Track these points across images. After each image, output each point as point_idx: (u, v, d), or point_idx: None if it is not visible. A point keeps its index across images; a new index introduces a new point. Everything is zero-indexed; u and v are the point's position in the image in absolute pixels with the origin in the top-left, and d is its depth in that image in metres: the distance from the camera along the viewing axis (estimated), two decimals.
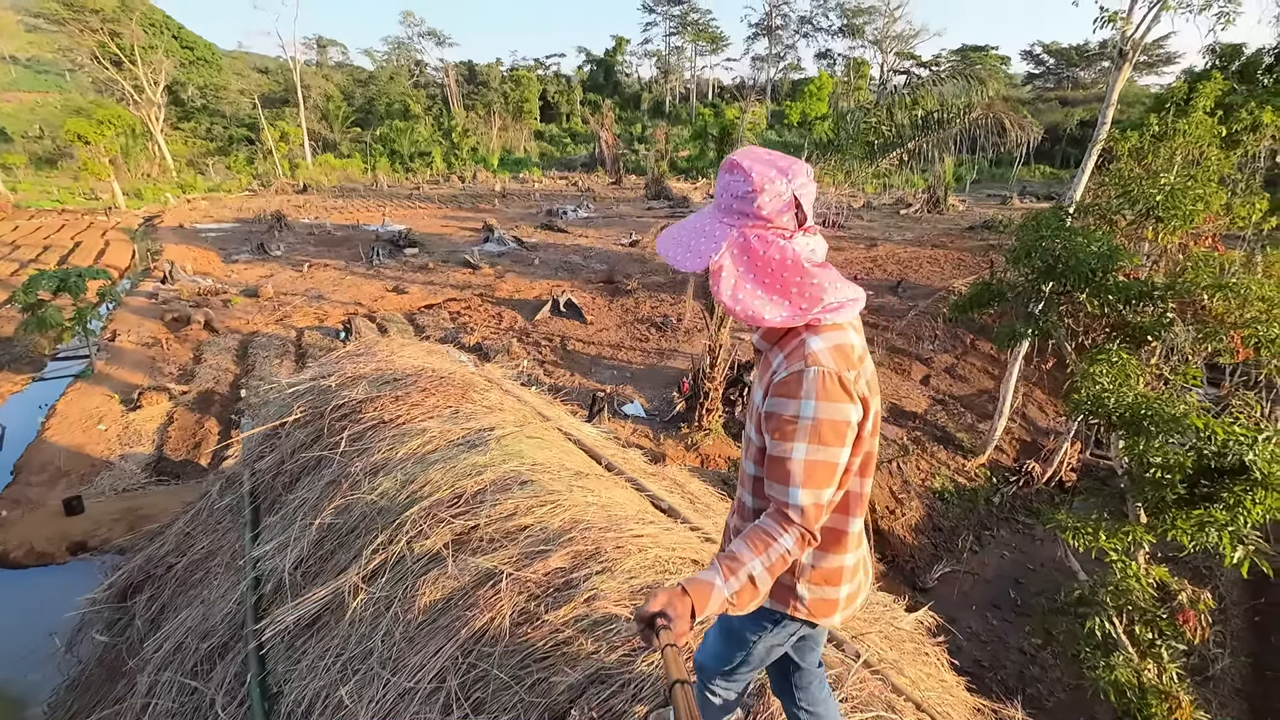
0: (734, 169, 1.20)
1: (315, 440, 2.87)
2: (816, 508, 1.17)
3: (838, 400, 1.16)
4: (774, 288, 1.20)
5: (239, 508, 2.88)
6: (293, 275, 20.14)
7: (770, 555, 1.15)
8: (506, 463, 2.31)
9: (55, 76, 76.75)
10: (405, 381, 3.08)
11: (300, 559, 2.13)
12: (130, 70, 43.18)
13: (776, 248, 1.20)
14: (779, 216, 1.20)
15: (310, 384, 3.25)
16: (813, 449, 1.15)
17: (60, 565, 7.17)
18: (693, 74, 79.28)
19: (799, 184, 1.19)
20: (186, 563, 2.85)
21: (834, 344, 1.19)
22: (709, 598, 1.12)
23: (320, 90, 57.34)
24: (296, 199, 38.26)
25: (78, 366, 12.39)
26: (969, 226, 30.15)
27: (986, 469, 11.48)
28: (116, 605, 2.91)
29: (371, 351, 3.62)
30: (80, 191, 36.89)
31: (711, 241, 1.22)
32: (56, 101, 56.16)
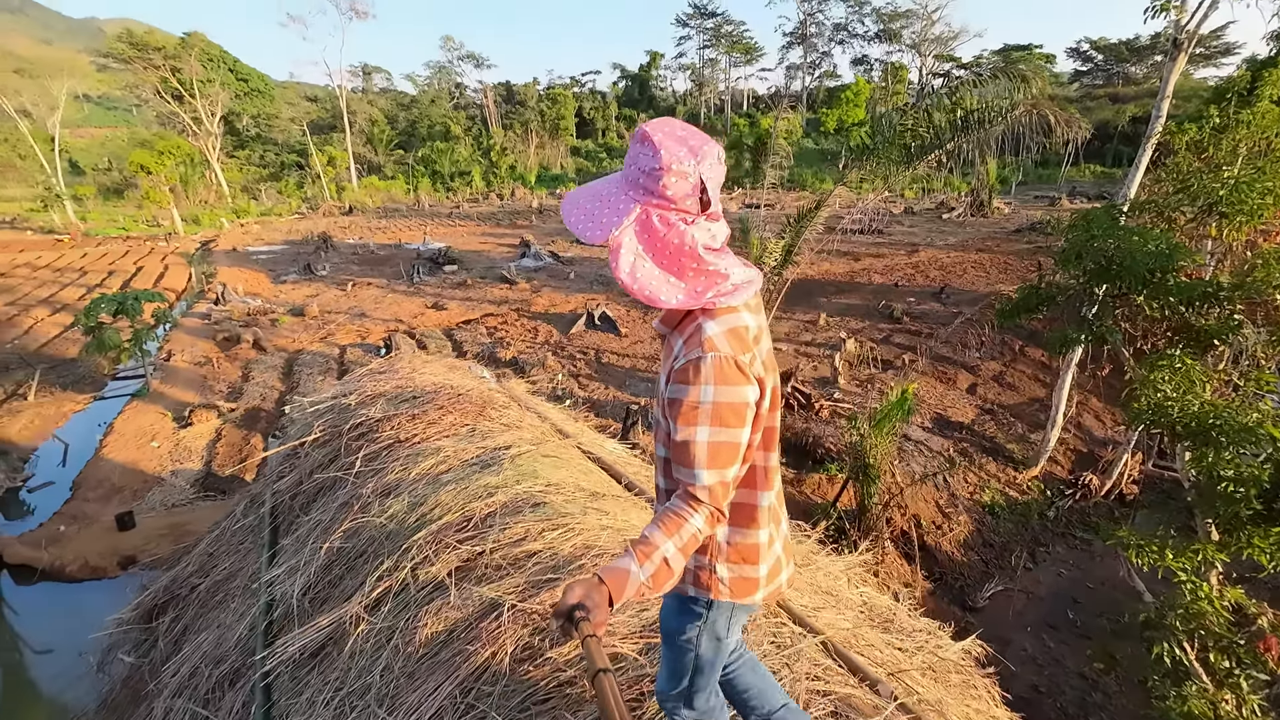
0: (645, 140, 1.18)
1: (332, 460, 2.85)
2: (722, 485, 1.21)
3: (735, 383, 1.19)
4: (670, 268, 1.21)
5: (259, 528, 2.88)
6: (337, 294, 20.74)
7: (682, 535, 1.18)
8: (520, 483, 2.23)
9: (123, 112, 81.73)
10: (423, 399, 3.05)
11: (309, 585, 2.09)
12: (190, 103, 45.55)
13: (676, 231, 1.20)
14: (684, 199, 1.19)
15: (331, 402, 3.25)
16: (714, 431, 1.18)
17: (111, 579, 7.41)
18: (727, 85, 79.32)
19: (707, 166, 1.19)
20: (209, 584, 2.87)
21: (729, 328, 1.21)
22: (625, 583, 1.14)
23: (365, 115, 59.44)
24: (342, 220, 39.57)
25: (135, 385, 12.96)
26: (1015, 229, 29.14)
27: (1039, 481, 10.92)
28: (143, 626, 2.94)
29: (394, 369, 3.61)
30: (143, 219, 38.95)
31: (615, 214, 1.21)
32: (124, 135, 59.77)
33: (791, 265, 9.12)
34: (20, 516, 9.22)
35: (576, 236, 1.28)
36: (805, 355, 14.59)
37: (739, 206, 41.81)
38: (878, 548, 8.44)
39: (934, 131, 7.59)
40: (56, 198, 39.96)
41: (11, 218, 40.79)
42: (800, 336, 15.84)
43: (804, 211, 8.74)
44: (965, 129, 7.27)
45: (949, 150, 7.53)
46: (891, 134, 7.69)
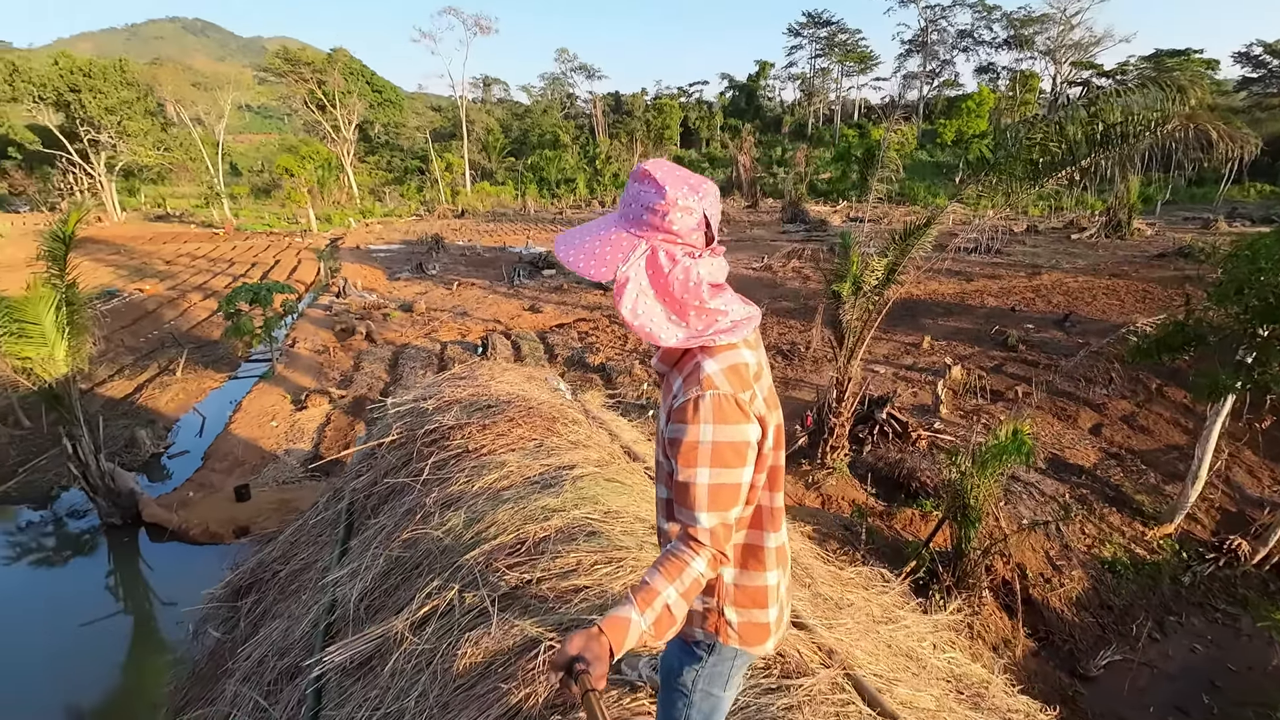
0: (645, 179, 1.17)
1: (405, 464, 2.92)
2: (725, 528, 1.19)
3: (735, 422, 1.16)
4: (672, 306, 1.20)
5: (336, 523, 3.00)
6: (443, 293, 21.91)
7: (684, 580, 1.16)
8: (578, 508, 2.15)
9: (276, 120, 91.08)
10: (496, 410, 3.06)
11: (366, 591, 2.12)
12: (331, 112, 50.00)
13: (682, 267, 1.18)
14: (689, 234, 1.18)
15: (411, 405, 3.35)
16: (715, 472, 1.16)
17: (226, 545, 8.12)
18: (838, 95, 77.01)
19: (709, 202, 1.18)
20: (288, 571, 3.02)
21: (728, 365, 1.19)
22: (626, 633, 1.12)
23: (482, 124, 62.86)
24: (454, 223, 41.92)
25: (263, 368, 14.25)
26: (1158, 254, 26.18)
27: (1174, 540, 9.62)
28: (230, 604, 3.14)
29: (474, 375, 3.67)
30: (284, 216, 43.09)
31: (620, 251, 1.19)
32: (275, 141, 66.55)
33: (895, 284, 8.59)
34: (160, 479, 10.33)
35: (579, 276, 1.20)
36: (905, 380, 13.75)
37: (842, 220, 40.37)
38: (974, 597, 7.74)
39: (1067, 146, 6.89)
40: (217, 196, 45.15)
41: (180, 212, 46.40)
42: (900, 359, 14.97)
43: (912, 228, 8.21)
44: (1105, 144, 6.54)
45: (1084, 167, 6.80)
46: (1017, 148, 7.05)
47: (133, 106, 42.02)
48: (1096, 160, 6.63)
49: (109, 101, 40.11)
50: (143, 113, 43.53)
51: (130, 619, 7.70)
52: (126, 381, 13.61)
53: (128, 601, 7.93)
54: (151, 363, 14.82)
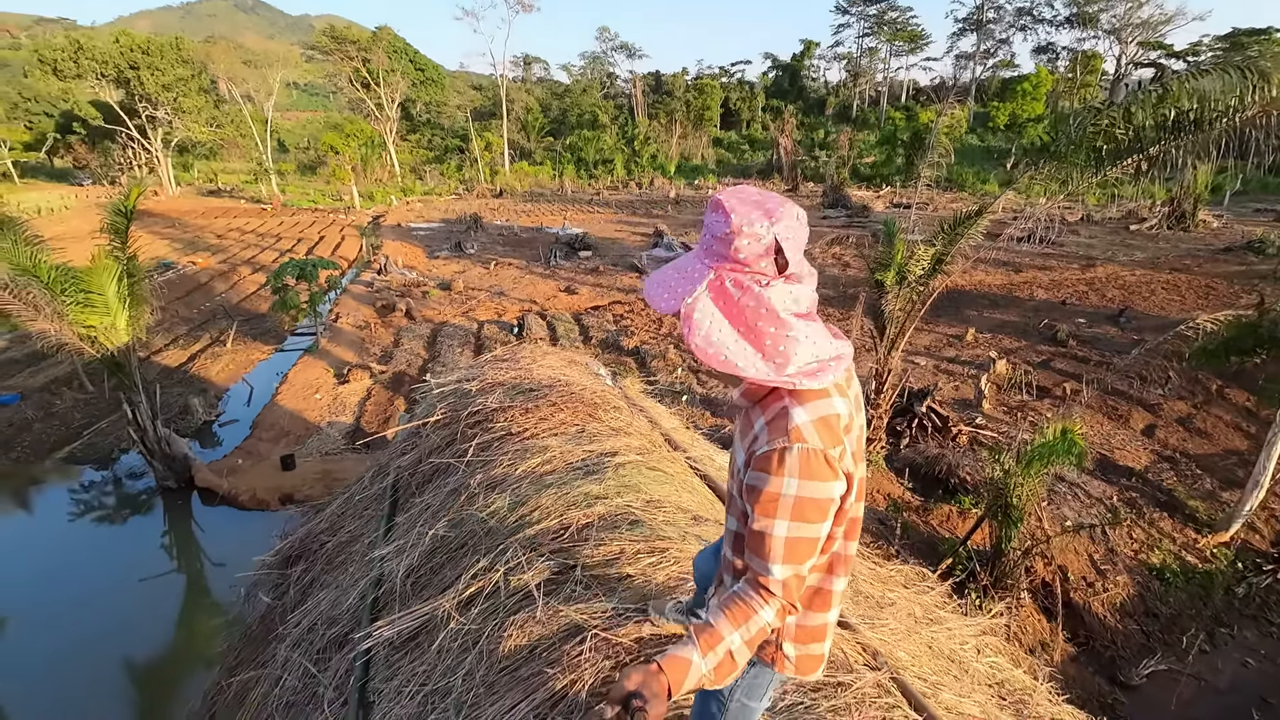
0: (717, 208, 1.15)
1: (449, 445, 2.96)
2: (797, 579, 1.18)
3: (821, 479, 1.13)
4: (747, 336, 1.15)
5: (381, 499, 3.07)
6: (481, 272, 22.14)
7: (750, 628, 1.15)
8: (620, 496, 2.16)
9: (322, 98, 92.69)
10: (538, 393, 3.07)
11: (411, 568, 2.17)
12: (375, 90, 50.65)
13: (751, 294, 1.14)
14: (757, 261, 1.13)
15: (454, 386, 3.39)
16: (794, 526, 1.14)
17: (272, 512, 8.44)
18: (885, 76, 74.67)
19: (782, 227, 1.12)
20: (335, 543, 3.11)
21: (819, 416, 1.14)
22: (686, 675, 1.11)
23: (522, 103, 62.87)
24: (493, 202, 42.23)
25: (308, 342, 14.66)
26: (1224, 248, 24.86)
27: (1229, 550, 9.22)
28: (280, 571, 3.25)
29: (515, 358, 3.69)
30: (329, 193, 44.00)
31: (689, 283, 1.17)
32: (321, 119, 67.82)
33: (941, 275, 8.33)
34: (212, 446, 10.77)
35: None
36: (946, 373, 13.42)
37: (885, 206, 39.37)
38: (1012, 598, 7.57)
39: (1134, 133, 6.54)
40: (265, 172, 46.35)
41: (231, 187, 47.79)
42: (942, 351, 14.60)
43: (962, 216, 7.93)
44: (1176, 131, 6.18)
45: (1151, 156, 6.45)
46: (1079, 134, 6.72)
47: (188, 84, 43.27)
48: (1166, 148, 6.28)
49: (165, 79, 41.37)
50: (197, 90, 44.80)
51: (184, 577, 8.09)
52: (181, 351, 14.17)
53: (181, 560, 8.33)
54: (204, 334, 15.39)
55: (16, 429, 10.60)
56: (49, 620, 6.88)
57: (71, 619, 6.84)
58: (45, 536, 8.51)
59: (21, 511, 9.14)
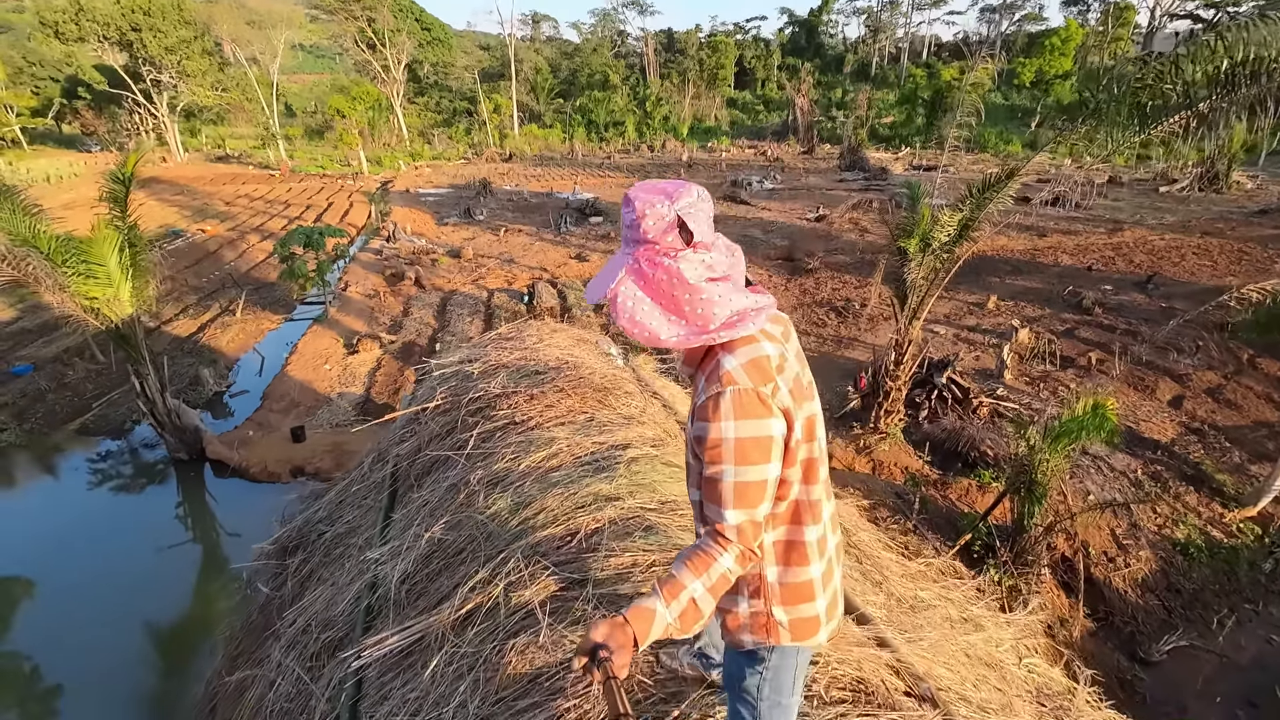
0: (627, 203, 1.24)
1: (449, 432, 2.78)
2: (753, 524, 1.20)
3: (756, 416, 1.17)
4: (669, 307, 1.23)
5: (380, 489, 2.92)
6: (491, 239, 21.82)
7: (711, 575, 1.17)
8: (633, 496, 1.97)
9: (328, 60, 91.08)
10: (545, 377, 2.87)
11: (407, 574, 2.00)
12: (381, 52, 49.54)
13: (664, 268, 1.22)
14: (663, 236, 1.21)
15: (456, 368, 3.19)
16: (740, 470, 1.17)
17: (283, 484, 8.41)
18: (906, 31, 71.91)
19: (682, 204, 1.21)
20: (333, 534, 2.98)
21: (747, 359, 1.21)
22: (651, 624, 1.14)
23: (531, 64, 61.33)
24: (502, 167, 41.54)
25: (317, 311, 14.54)
26: (1259, 210, 23.93)
27: (1256, 525, 8.99)
28: (279, 561, 3.14)
29: (521, 336, 3.48)
30: (337, 158, 43.46)
31: (613, 272, 1.26)
32: (327, 82, 66.65)
33: (968, 242, 7.97)
34: (223, 417, 10.76)
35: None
36: (966, 342, 13.08)
37: (905, 168, 38.26)
38: (1032, 574, 7.41)
39: (1184, 88, 6.08)
40: (273, 137, 45.80)
41: (239, 153, 47.35)
42: (962, 320, 14.22)
43: (990, 179, 7.52)
44: (1231, 85, 5.73)
45: (1201, 112, 6.00)
46: (1123, 90, 6.27)
47: (190, 45, 42.50)
48: (1219, 104, 5.83)
49: (168, 41, 40.63)
50: (200, 52, 44.02)
51: (199, 549, 8.13)
52: (190, 321, 14.12)
53: (195, 532, 8.36)
54: (213, 303, 15.31)
55: (30, 399, 10.63)
56: (63, 591, 6.96)
57: (86, 589, 6.91)
58: (59, 508, 8.56)
59: (36, 483, 9.20)
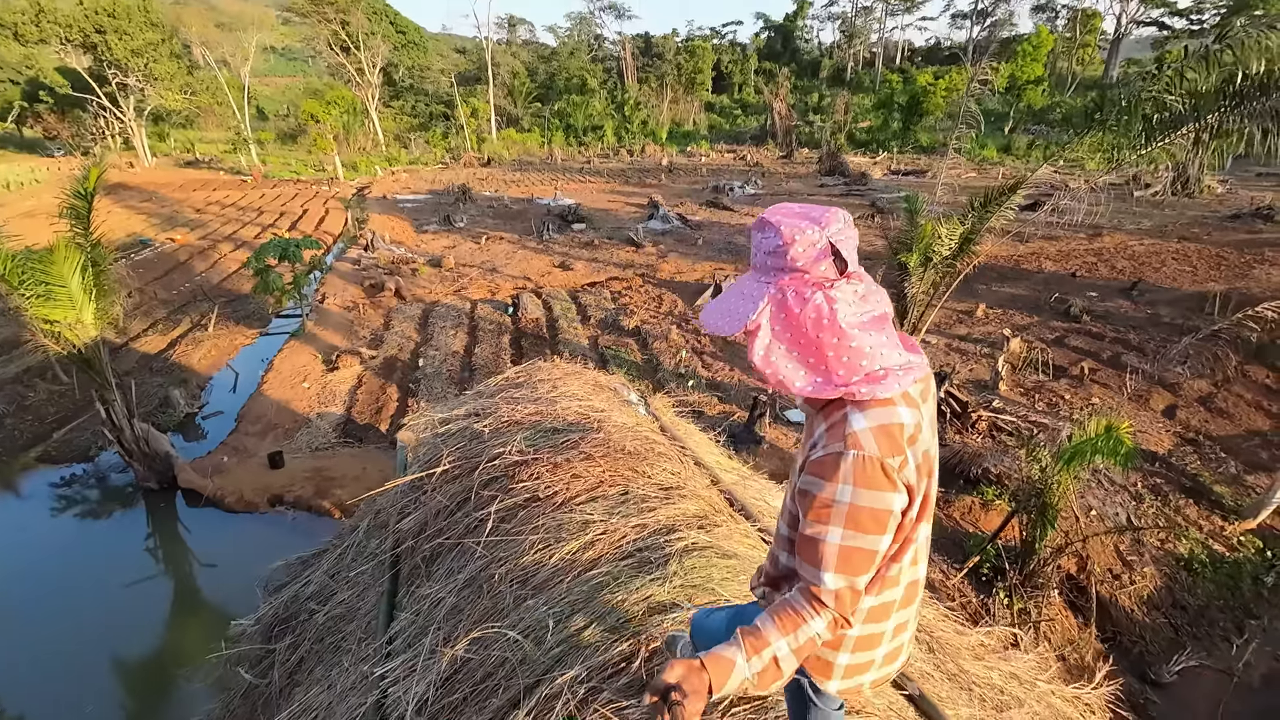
0: (764, 227, 1.16)
1: (460, 506, 2.46)
2: (852, 592, 1.13)
3: (878, 488, 1.09)
4: (809, 350, 1.14)
5: (379, 570, 2.58)
6: (472, 247, 21.38)
7: (799, 637, 1.12)
8: (692, 602, 1.67)
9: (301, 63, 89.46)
10: (565, 437, 2.57)
11: (424, 699, 1.70)
12: (355, 55, 48.65)
13: (813, 305, 1.12)
14: (815, 265, 1.12)
15: (463, 424, 2.86)
16: (849, 534, 1.10)
17: (261, 515, 7.96)
18: (880, 36, 72.79)
19: (834, 230, 1.12)
20: (325, 617, 2.64)
21: (879, 424, 1.10)
22: (729, 675, 1.09)
23: (508, 67, 60.77)
24: (481, 172, 40.98)
25: (294, 324, 14.00)
26: (1232, 215, 24.46)
27: (1257, 537, 8.98)
28: (263, 646, 2.79)
29: (532, 382, 3.16)
30: (311, 164, 42.50)
31: (749, 302, 1.17)
32: (301, 85, 65.32)
33: (969, 255, 7.83)
34: (196, 440, 10.22)
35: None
36: (959, 352, 13.02)
37: (884, 173, 38.53)
38: (1042, 597, 7.27)
39: (1191, 99, 5.99)
40: (244, 141, 44.66)
41: (209, 158, 46.10)
42: (953, 329, 14.18)
43: (995, 191, 7.39)
44: (1242, 97, 5.64)
45: (1211, 125, 5.91)
46: (1131, 101, 6.16)
47: (158, 48, 41.28)
48: (1229, 115, 5.74)
49: (134, 43, 39.41)
50: (168, 55, 42.79)
51: (170, 585, 7.65)
52: (160, 337, 13.50)
53: (167, 566, 7.88)
54: (184, 317, 14.68)
55: None
56: (20, 630, 6.45)
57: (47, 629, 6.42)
58: (14, 545, 7.98)
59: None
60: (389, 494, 2.88)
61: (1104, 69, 61.80)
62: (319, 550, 3.16)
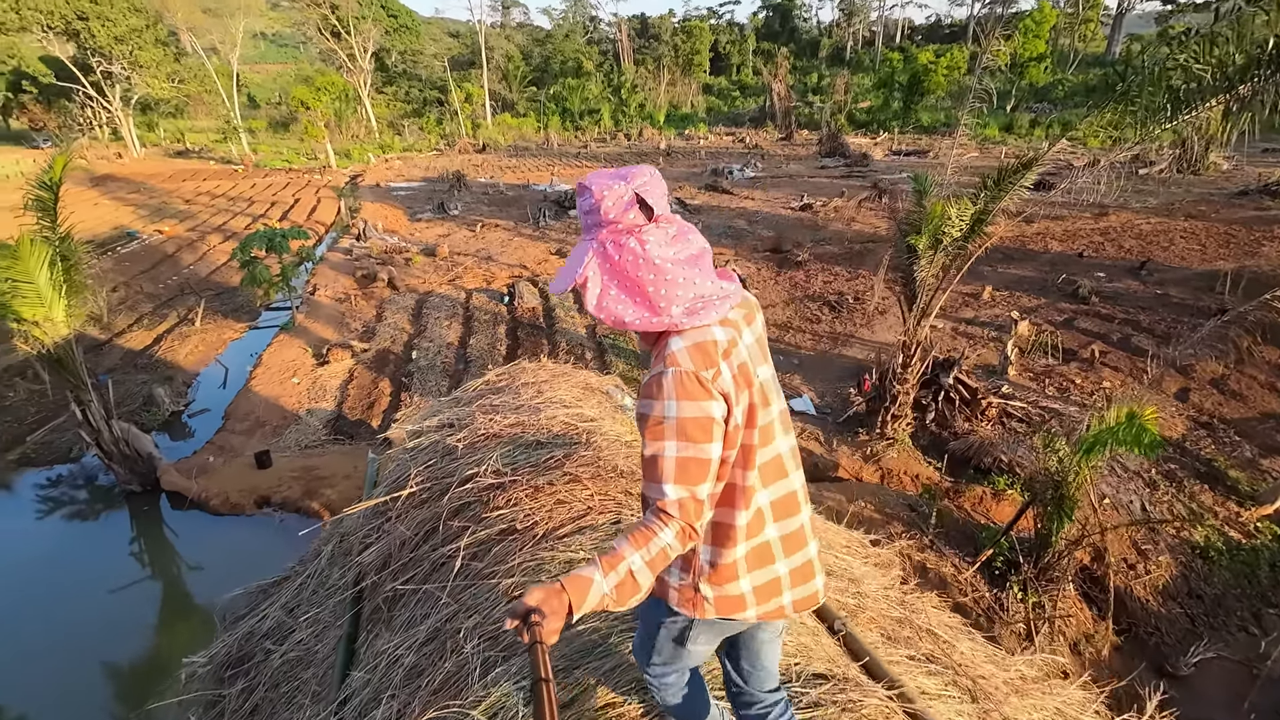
0: (581, 191, 1.27)
1: (427, 537, 2.14)
2: (695, 501, 1.21)
3: (696, 398, 1.19)
4: (633, 290, 1.25)
5: (341, 606, 2.27)
6: (467, 235, 20.96)
7: (650, 549, 1.18)
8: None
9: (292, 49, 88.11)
10: (551, 455, 2.24)
11: None
12: (346, 40, 47.73)
13: (628, 250, 1.23)
14: (624, 215, 1.23)
15: (435, 438, 2.54)
16: (681, 446, 1.19)
17: (247, 516, 7.68)
18: (880, 14, 71.57)
19: (639, 184, 1.23)
20: (280, 660, 2.33)
21: (694, 342, 1.22)
22: (587, 593, 1.14)
23: (502, 51, 59.73)
24: (476, 158, 40.34)
25: (283, 317, 13.66)
26: (1239, 191, 23.99)
27: (1273, 523, 8.73)
28: (214, 691, 2.49)
29: (514, 387, 2.83)
30: (303, 152, 41.83)
31: (578, 260, 1.28)
32: (291, 72, 64.29)
33: (981, 237, 7.48)
34: (183, 438, 9.93)
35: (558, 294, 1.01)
36: (966, 336, 12.70)
37: (885, 154, 37.91)
38: (1057, 590, 7.01)
39: (1220, 70, 5.61)
40: (234, 130, 43.94)
41: (199, 148, 45.40)
42: (959, 312, 13.84)
43: (1008, 170, 7.02)
44: (1276, 66, 5.26)
45: (1242, 95, 5.54)
46: (1154, 72, 5.78)
47: (142, 35, 40.41)
48: (1263, 86, 5.37)
49: (118, 30, 38.55)
50: (153, 41, 41.90)
51: (153, 591, 7.40)
52: (145, 332, 13.15)
53: (152, 572, 7.62)
54: (171, 311, 14.33)
55: None
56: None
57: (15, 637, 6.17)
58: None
59: None
60: (353, 517, 2.57)
61: (1106, 45, 60.78)
62: (280, 578, 2.87)
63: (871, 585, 2.13)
